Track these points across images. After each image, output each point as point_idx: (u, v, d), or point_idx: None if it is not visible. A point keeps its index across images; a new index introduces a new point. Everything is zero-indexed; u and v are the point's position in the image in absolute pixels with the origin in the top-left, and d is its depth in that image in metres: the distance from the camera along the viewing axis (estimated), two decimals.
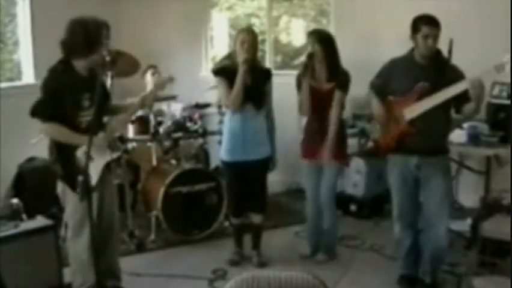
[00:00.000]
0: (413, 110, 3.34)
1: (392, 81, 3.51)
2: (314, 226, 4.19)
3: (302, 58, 3.96)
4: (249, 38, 3.85)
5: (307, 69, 3.84)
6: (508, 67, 2.98)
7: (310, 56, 3.86)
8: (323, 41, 3.92)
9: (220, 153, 4.17)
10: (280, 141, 4.13)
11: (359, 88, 3.71)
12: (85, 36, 3.15)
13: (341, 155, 4.03)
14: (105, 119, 3.41)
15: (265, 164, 4.03)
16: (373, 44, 5.11)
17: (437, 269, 3.66)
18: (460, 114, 3.39)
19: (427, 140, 3.37)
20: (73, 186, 3.12)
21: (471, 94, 3.14)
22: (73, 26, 3.20)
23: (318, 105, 3.92)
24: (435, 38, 3.31)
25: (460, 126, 4.33)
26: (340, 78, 3.91)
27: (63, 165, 3.21)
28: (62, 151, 3.20)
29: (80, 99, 3.21)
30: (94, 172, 3.21)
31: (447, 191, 3.53)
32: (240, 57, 3.82)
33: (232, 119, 3.98)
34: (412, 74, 3.39)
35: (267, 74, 4.04)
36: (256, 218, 4.12)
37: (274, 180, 4.75)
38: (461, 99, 3.22)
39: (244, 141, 3.92)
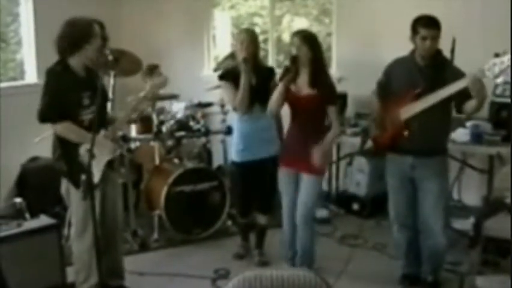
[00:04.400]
0: (409, 110, 3.33)
1: (393, 80, 3.52)
2: (290, 238, 3.81)
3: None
4: (248, 37, 3.88)
5: (289, 74, 3.48)
6: (490, 73, 2.94)
7: (294, 60, 3.49)
8: (310, 42, 3.53)
9: (230, 154, 4.18)
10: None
11: (362, 87, 3.71)
12: (71, 32, 3.19)
13: (320, 167, 3.60)
14: (107, 117, 3.43)
15: (275, 162, 3.97)
16: (376, 43, 5.10)
17: (438, 268, 3.66)
18: (461, 113, 3.38)
19: (422, 140, 3.36)
20: (76, 183, 3.13)
21: (472, 91, 3.08)
22: (63, 25, 3.24)
23: (296, 111, 3.64)
24: (434, 39, 3.29)
25: (462, 125, 4.32)
26: (326, 91, 3.54)
27: (67, 162, 3.23)
28: (66, 148, 3.23)
29: (80, 98, 3.23)
30: (96, 169, 3.23)
31: (442, 191, 3.50)
32: (240, 56, 3.85)
33: (241, 121, 3.99)
34: (411, 75, 3.39)
35: (270, 72, 4.04)
36: (261, 219, 4.15)
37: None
38: (462, 96, 3.19)
39: (255, 141, 3.94)
